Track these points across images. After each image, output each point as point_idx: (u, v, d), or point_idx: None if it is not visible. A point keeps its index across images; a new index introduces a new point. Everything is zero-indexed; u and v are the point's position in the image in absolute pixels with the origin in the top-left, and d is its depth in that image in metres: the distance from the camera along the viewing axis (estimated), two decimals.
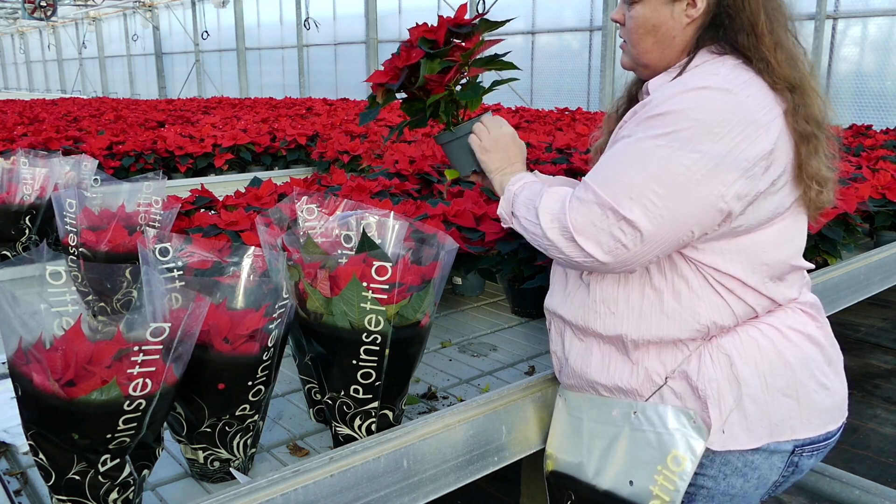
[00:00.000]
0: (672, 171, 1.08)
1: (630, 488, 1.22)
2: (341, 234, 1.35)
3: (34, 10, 17.27)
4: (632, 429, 1.23)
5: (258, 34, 16.67)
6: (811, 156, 1.16)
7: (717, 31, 1.19)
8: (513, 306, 2.07)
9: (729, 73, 1.13)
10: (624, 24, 1.26)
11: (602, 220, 1.11)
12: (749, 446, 1.18)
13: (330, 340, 1.19)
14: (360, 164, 4.18)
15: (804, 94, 1.15)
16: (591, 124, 5.34)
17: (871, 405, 3.04)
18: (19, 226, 2.26)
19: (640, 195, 1.08)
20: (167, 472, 1.24)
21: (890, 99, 7.46)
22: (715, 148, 1.08)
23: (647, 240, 1.10)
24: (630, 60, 1.29)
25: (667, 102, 1.12)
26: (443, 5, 11.70)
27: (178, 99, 11.84)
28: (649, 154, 1.10)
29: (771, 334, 1.20)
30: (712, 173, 1.08)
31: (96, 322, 0.99)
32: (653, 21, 1.22)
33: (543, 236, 1.18)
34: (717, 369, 1.18)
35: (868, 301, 2.76)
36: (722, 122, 1.08)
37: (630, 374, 1.23)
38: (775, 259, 1.19)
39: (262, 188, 2.54)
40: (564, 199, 1.17)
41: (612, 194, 1.10)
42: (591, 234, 1.12)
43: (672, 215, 1.09)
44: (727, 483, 1.21)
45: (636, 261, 1.12)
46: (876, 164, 3.32)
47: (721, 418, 1.17)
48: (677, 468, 1.18)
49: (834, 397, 1.24)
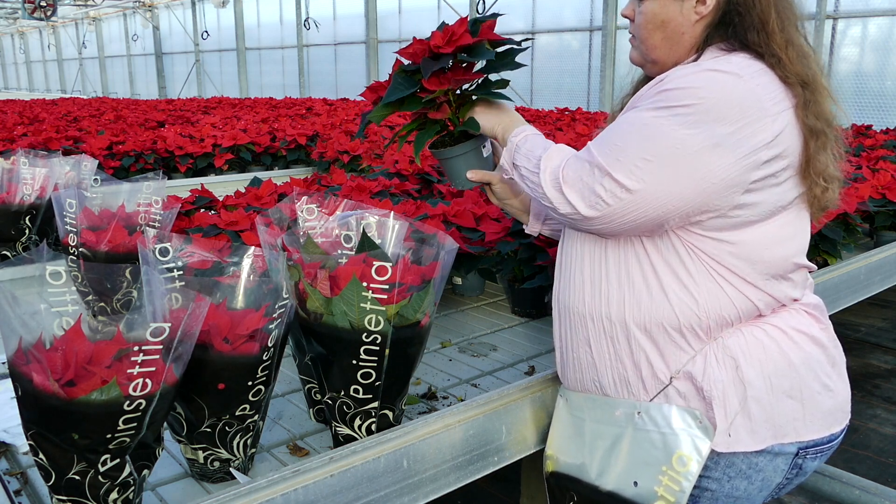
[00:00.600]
0: (665, 142, 1.10)
1: (634, 489, 1.22)
2: (341, 234, 1.35)
3: (34, 10, 17.27)
4: (635, 429, 1.23)
5: (258, 34, 16.67)
6: (819, 151, 1.16)
7: (726, 29, 1.20)
8: (513, 306, 2.07)
9: (742, 62, 1.14)
10: (633, 19, 1.28)
11: (589, 175, 1.14)
12: (753, 448, 1.18)
13: (330, 340, 1.19)
14: (360, 164, 4.18)
15: (815, 91, 1.16)
16: (591, 124, 5.34)
17: (871, 405, 3.04)
18: (19, 226, 2.26)
19: (629, 159, 1.11)
20: (167, 472, 1.24)
21: (890, 99, 7.46)
22: (716, 129, 1.08)
23: (626, 200, 1.11)
24: (639, 55, 1.30)
25: (677, 80, 1.13)
26: (443, 5, 11.70)
27: (178, 99, 11.84)
28: (647, 123, 1.12)
29: (776, 335, 1.20)
30: (706, 152, 1.09)
31: (96, 322, 0.99)
32: (662, 17, 1.22)
33: (539, 184, 1.21)
34: (722, 371, 1.17)
35: (868, 301, 2.76)
36: (728, 104, 1.09)
37: (634, 370, 1.23)
38: (777, 255, 1.19)
39: (262, 188, 2.54)
40: (565, 155, 1.22)
41: (603, 154, 1.13)
42: (577, 188, 1.15)
43: (654, 182, 1.10)
44: (731, 485, 1.20)
45: (617, 219, 1.13)
46: (876, 164, 3.32)
47: (727, 420, 1.16)
48: (682, 468, 1.17)
49: (837, 399, 1.24)
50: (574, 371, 1.33)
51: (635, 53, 1.31)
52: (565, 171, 1.18)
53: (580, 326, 1.30)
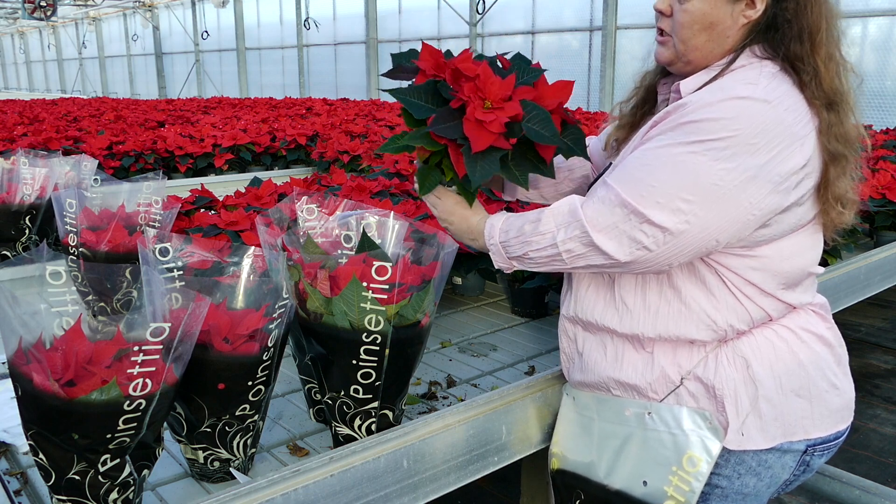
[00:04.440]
0: (704, 180, 1.06)
1: (644, 488, 1.22)
2: (341, 234, 1.35)
3: (34, 10, 17.27)
4: (646, 429, 1.23)
5: (258, 34, 16.67)
6: (839, 177, 1.15)
7: (768, 35, 1.16)
8: (513, 306, 2.07)
9: (769, 84, 1.10)
10: (668, 14, 1.20)
11: (624, 221, 1.09)
12: (764, 446, 1.18)
13: (330, 340, 1.19)
14: (360, 164, 4.17)
15: (840, 112, 1.13)
16: (591, 124, 5.34)
17: (871, 405, 3.04)
18: (19, 226, 2.25)
19: (669, 200, 1.07)
20: (167, 472, 1.24)
21: (890, 99, 7.47)
22: (751, 160, 1.06)
23: (670, 244, 1.09)
24: (672, 54, 1.22)
25: (704, 109, 1.09)
26: (443, 5, 11.70)
27: (178, 99, 11.84)
28: (682, 160, 1.08)
29: (786, 335, 1.21)
30: (745, 185, 1.07)
31: (96, 322, 0.99)
32: (711, 18, 1.17)
33: (556, 255, 1.15)
34: (733, 370, 1.18)
35: (868, 301, 2.76)
36: (760, 133, 1.06)
37: (644, 370, 1.23)
38: (795, 266, 1.19)
39: (262, 188, 2.54)
40: (573, 207, 1.14)
41: (637, 197, 1.08)
42: (613, 235, 1.10)
43: (700, 223, 1.08)
44: (741, 482, 1.21)
45: (656, 263, 1.12)
46: (876, 164, 3.32)
47: (738, 419, 1.17)
48: (693, 469, 1.18)
49: (844, 397, 1.25)
50: (582, 372, 1.33)
51: (666, 51, 1.22)
52: (593, 219, 1.11)
53: (591, 331, 1.30)
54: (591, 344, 1.30)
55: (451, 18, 11.72)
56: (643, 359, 1.23)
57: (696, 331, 1.19)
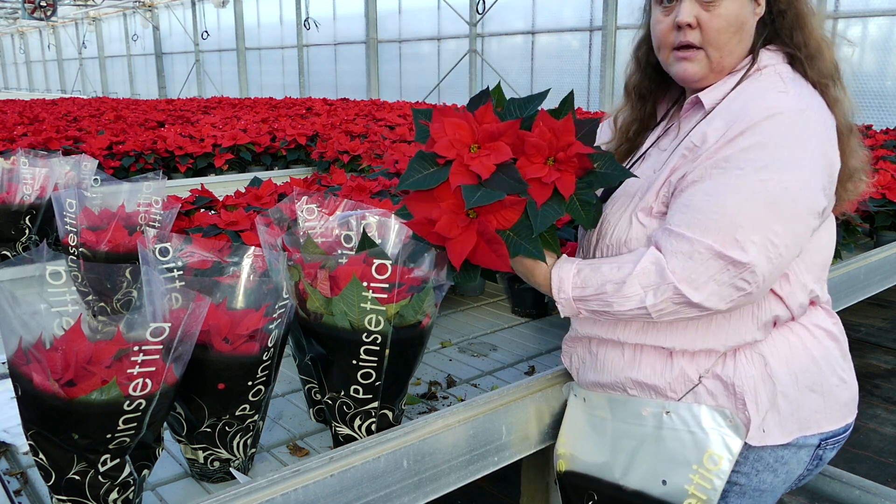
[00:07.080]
0: (783, 204, 1.07)
1: (663, 487, 1.22)
2: (341, 234, 1.35)
3: (34, 10, 17.26)
4: (664, 428, 1.23)
5: (258, 34, 16.66)
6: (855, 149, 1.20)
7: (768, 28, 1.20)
8: (513, 306, 2.07)
9: (798, 91, 1.13)
10: (696, 26, 1.16)
11: (722, 273, 1.07)
12: (781, 441, 1.20)
13: (330, 340, 1.19)
14: (360, 164, 4.17)
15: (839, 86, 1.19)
16: None
17: (871, 405, 3.04)
18: (19, 226, 2.26)
19: (763, 237, 1.06)
20: (167, 472, 1.24)
21: (890, 99, 7.46)
22: (804, 171, 1.09)
23: (769, 279, 1.10)
24: (702, 68, 1.18)
25: (757, 133, 1.08)
26: (442, 5, 11.70)
27: (178, 99, 11.84)
28: (757, 191, 1.06)
29: (800, 332, 1.22)
30: (806, 195, 1.09)
31: (96, 322, 0.99)
32: (742, 18, 1.16)
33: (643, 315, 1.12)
34: (752, 368, 1.19)
35: (868, 301, 2.76)
36: (805, 144, 1.09)
37: (663, 370, 1.23)
38: (824, 256, 1.23)
39: (262, 188, 2.54)
40: (660, 267, 1.09)
41: (728, 244, 1.06)
42: (713, 290, 1.07)
43: (787, 248, 1.09)
44: (759, 479, 1.22)
45: (754, 300, 1.13)
46: (876, 164, 3.32)
47: (759, 415, 1.18)
48: (714, 467, 1.18)
49: (851, 390, 1.27)
50: (597, 372, 1.32)
51: (694, 66, 1.17)
52: (684, 279, 1.07)
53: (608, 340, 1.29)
54: (606, 345, 1.30)
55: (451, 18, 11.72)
56: (662, 359, 1.23)
57: (719, 345, 1.19)
